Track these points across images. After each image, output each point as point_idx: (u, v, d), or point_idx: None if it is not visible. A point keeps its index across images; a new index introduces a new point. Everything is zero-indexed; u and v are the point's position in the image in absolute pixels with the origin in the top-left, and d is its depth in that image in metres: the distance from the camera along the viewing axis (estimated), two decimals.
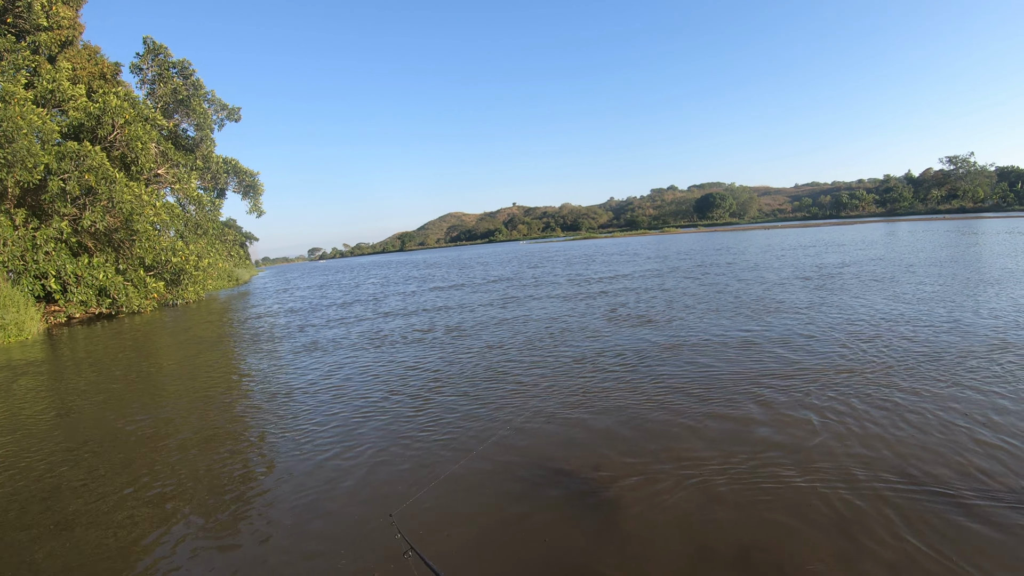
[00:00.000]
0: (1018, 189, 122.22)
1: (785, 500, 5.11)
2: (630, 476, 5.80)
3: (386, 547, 4.80)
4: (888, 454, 5.89)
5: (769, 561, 4.30)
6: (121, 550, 5.20)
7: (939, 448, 5.94)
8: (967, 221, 70.81)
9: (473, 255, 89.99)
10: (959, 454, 5.78)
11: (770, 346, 10.83)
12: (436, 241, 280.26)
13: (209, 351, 15.81)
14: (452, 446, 7.05)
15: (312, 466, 6.78)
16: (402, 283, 36.94)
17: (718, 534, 4.68)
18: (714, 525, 4.80)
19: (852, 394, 7.79)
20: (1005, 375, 8.10)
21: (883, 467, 5.61)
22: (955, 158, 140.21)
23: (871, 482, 5.32)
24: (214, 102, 40.58)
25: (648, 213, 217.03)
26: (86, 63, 33.26)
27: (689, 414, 7.45)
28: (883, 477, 5.40)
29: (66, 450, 8.02)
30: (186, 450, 7.71)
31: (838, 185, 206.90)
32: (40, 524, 5.79)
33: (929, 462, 5.65)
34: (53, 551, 5.24)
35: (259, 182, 47.16)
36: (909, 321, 12.12)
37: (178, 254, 30.62)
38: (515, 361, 11.31)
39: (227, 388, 11.25)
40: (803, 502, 5.05)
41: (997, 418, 6.58)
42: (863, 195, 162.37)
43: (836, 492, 5.18)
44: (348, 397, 9.67)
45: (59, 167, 24.59)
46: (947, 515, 4.72)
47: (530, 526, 5.03)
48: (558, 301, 20.14)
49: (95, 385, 12.27)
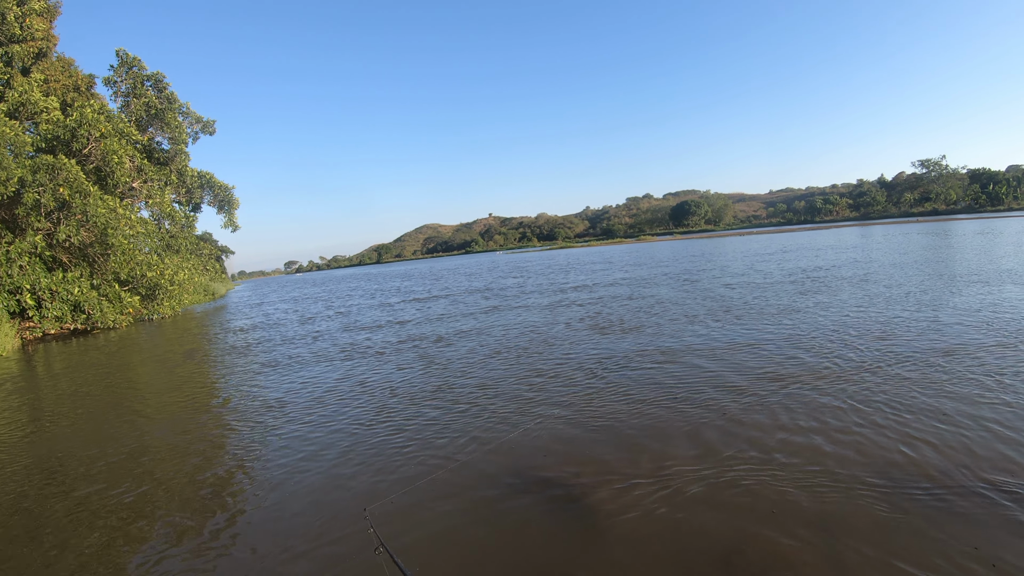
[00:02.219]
0: (990, 191, 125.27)
1: (767, 501, 5.11)
2: (609, 480, 5.81)
3: (359, 542, 4.99)
4: (870, 454, 5.93)
5: (752, 563, 4.29)
6: (97, 562, 5.18)
7: (922, 445, 6.02)
8: (940, 223, 72.23)
9: (449, 266, 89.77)
10: (944, 450, 5.88)
11: (748, 351, 10.97)
12: (413, 253, 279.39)
13: (184, 365, 15.71)
14: (429, 451, 7.12)
15: (286, 473, 6.88)
16: (379, 295, 36.94)
17: (699, 537, 4.67)
18: (695, 527, 4.80)
19: (832, 396, 7.85)
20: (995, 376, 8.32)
21: (864, 467, 5.64)
22: (927, 162, 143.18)
23: (852, 482, 5.35)
24: (188, 115, 40.33)
25: (624, 221, 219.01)
26: (60, 75, 32.87)
27: (668, 419, 7.47)
28: (862, 477, 5.44)
29: (40, 464, 7.98)
30: (163, 462, 7.66)
31: (812, 190, 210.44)
32: (12, 537, 5.78)
33: (911, 460, 5.71)
34: (24, 565, 5.21)
35: (234, 196, 46.83)
36: (885, 323, 12.44)
37: (153, 268, 30.35)
38: (499, 370, 11.39)
39: (203, 401, 11.18)
40: (785, 503, 5.06)
41: (967, 418, 6.69)
42: (837, 200, 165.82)
43: (818, 493, 5.21)
44: (323, 409, 9.59)
45: (33, 180, 24.29)
46: (929, 513, 4.76)
47: (505, 528, 5.08)
48: (536, 311, 20.44)
49: (71, 400, 12.15)
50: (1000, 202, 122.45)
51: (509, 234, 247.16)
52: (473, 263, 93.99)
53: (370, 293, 39.25)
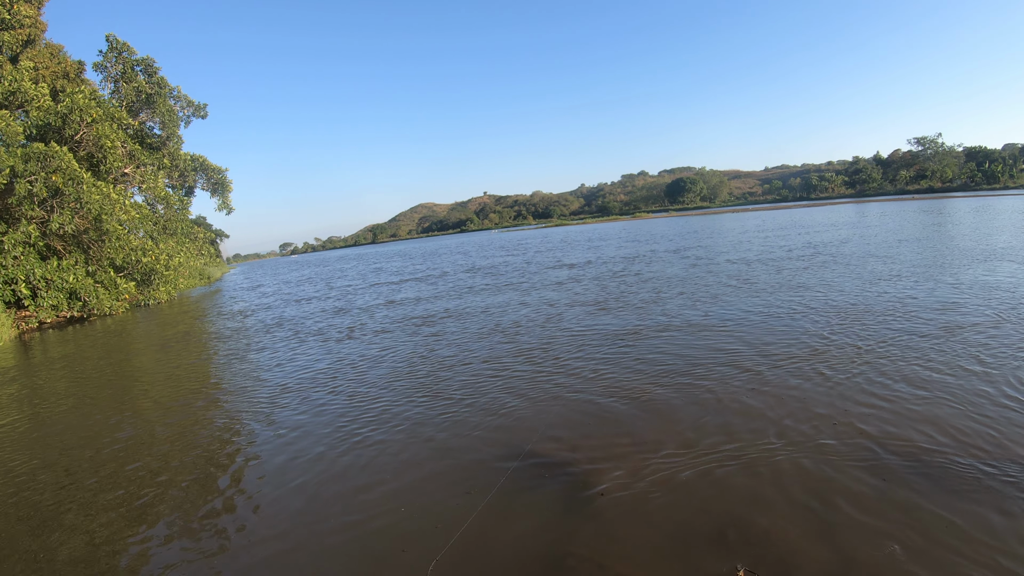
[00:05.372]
0: (986, 169, 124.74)
1: (760, 477, 5.28)
2: (606, 460, 5.97)
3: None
4: (861, 427, 6.15)
5: (747, 537, 4.41)
6: (101, 556, 5.24)
7: (912, 418, 6.26)
8: (936, 201, 72.16)
9: (445, 245, 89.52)
10: (932, 423, 6.10)
11: (740, 328, 11.18)
12: (408, 232, 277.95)
13: (183, 351, 15.92)
14: (411, 433, 7.45)
15: (289, 458, 7.07)
16: (375, 275, 36.98)
17: (696, 512, 4.82)
18: (692, 504, 4.95)
19: (825, 371, 8.13)
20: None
21: (856, 441, 5.85)
22: (923, 139, 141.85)
23: (844, 457, 5.53)
24: (180, 99, 39.94)
25: (619, 199, 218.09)
26: (49, 62, 32.44)
27: (663, 398, 7.66)
28: (856, 452, 5.62)
29: (41, 455, 8.08)
30: (166, 453, 7.75)
31: (808, 167, 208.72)
32: (14, 530, 5.86)
33: (901, 434, 5.91)
34: (29, 556, 5.29)
35: (227, 179, 46.54)
36: (880, 300, 12.68)
37: (148, 254, 30.29)
38: (493, 349, 11.62)
39: (205, 388, 11.33)
40: (779, 479, 5.22)
41: (944, 392, 6.97)
42: (833, 177, 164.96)
43: (809, 466, 5.39)
44: (321, 392, 9.86)
45: (25, 169, 24.18)
46: (923, 485, 4.94)
47: (500, 508, 5.28)
48: (540, 289, 20.56)
49: (69, 389, 12.28)
50: (996, 180, 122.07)
51: (504, 212, 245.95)
52: (469, 241, 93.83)
53: (362, 275, 39.29)
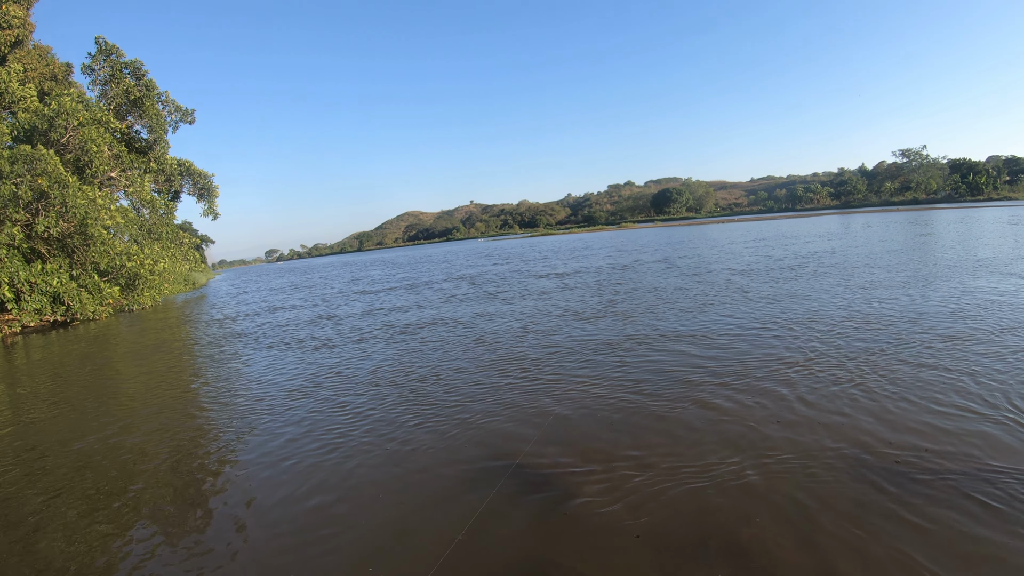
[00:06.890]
0: (970, 180, 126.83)
1: (743, 488, 5.27)
2: (592, 471, 5.92)
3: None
4: (847, 437, 6.16)
5: (729, 548, 4.42)
6: (86, 560, 5.19)
7: (898, 429, 6.24)
8: (920, 212, 73.17)
9: (431, 254, 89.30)
10: (919, 433, 6.10)
11: (728, 339, 11.24)
12: (394, 240, 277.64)
13: (166, 356, 15.77)
14: (395, 437, 7.43)
15: (276, 459, 7.07)
16: (360, 283, 36.93)
17: (679, 522, 4.83)
18: (674, 514, 4.95)
19: (808, 382, 8.09)
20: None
21: (838, 451, 5.84)
22: (908, 151, 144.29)
23: (827, 468, 5.52)
24: (168, 103, 39.78)
25: (606, 209, 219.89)
26: (37, 63, 32.22)
27: (649, 407, 7.64)
28: (836, 464, 5.61)
29: (23, 459, 8.02)
30: (148, 457, 7.71)
31: (793, 179, 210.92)
32: None
33: (885, 444, 5.91)
34: (10, 562, 5.22)
35: (214, 184, 46.42)
36: (859, 310, 12.90)
37: (133, 258, 30.02)
38: (480, 357, 11.69)
39: (185, 393, 11.25)
40: (761, 489, 5.22)
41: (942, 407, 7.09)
42: (818, 188, 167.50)
43: (793, 477, 5.38)
44: (307, 399, 9.78)
45: (11, 171, 23.97)
46: (905, 497, 4.93)
47: (482, 516, 5.24)
48: (526, 298, 20.67)
49: (52, 393, 12.14)
50: (980, 192, 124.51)
51: (490, 221, 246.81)
52: (454, 250, 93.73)
53: (347, 283, 39.16)
